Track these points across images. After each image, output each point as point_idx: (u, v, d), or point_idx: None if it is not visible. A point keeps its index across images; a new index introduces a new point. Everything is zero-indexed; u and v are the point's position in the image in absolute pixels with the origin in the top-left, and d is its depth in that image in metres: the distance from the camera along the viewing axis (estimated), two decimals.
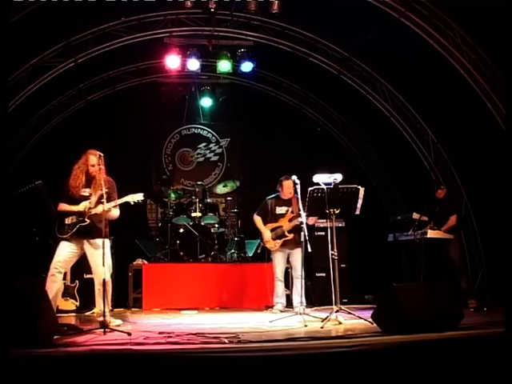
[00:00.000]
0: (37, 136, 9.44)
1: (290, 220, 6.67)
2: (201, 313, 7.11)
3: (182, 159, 10.54)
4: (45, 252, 7.06)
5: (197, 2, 7.59)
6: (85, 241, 5.49)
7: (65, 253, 5.47)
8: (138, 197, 5.53)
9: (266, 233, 6.82)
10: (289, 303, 7.04)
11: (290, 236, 6.68)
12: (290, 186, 6.62)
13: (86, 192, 5.52)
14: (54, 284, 5.41)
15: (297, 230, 6.56)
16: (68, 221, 5.47)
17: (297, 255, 6.69)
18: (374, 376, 3.58)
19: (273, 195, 6.93)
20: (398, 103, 8.95)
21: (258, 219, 6.93)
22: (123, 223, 6.84)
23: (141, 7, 7.55)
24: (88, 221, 5.43)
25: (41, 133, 9.47)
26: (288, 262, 7.01)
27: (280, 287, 6.93)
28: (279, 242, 6.71)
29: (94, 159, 5.47)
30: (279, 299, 6.91)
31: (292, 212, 6.72)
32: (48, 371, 3.40)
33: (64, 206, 5.52)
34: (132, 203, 5.53)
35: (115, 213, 5.57)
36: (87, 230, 5.45)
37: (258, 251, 7.36)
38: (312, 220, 6.40)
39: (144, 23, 8.28)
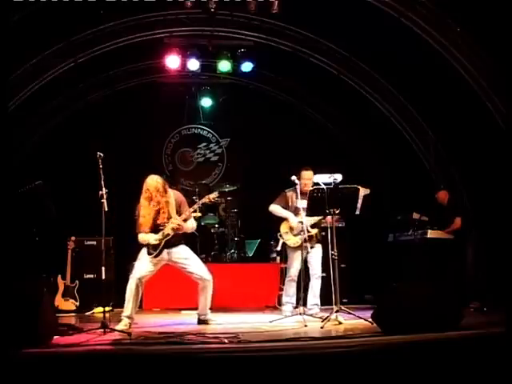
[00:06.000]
0: (36, 136, 9.44)
1: None
2: None
3: (182, 159, 10.53)
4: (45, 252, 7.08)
5: (197, 2, 7.58)
6: None
7: None
8: (213, 196, 5.76)
9: (293, 218, 6.29)
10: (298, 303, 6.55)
11: (313, 232, 6.26)
12: (309, 177, 6.27)
13: (159, 220, 5.65)
14: None
15: (319, 224, 6.28)
16: None
17: (317, 253, 6.35)
18: (373, 376, 3.58)
19: (291, 188, 6.44)
20: (398, 103, 8.96)
21: (277, 206, 6.44)
22: (123, 223, 6.86)
23: (141, 7, 7.54)
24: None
25: (41, 133, 9.46)
26: (304, 261, 6.36)
27: (291, 287, 6.44)
28: (301, 237, 6.20)
29: (152, 187, 5.60)
30: (290, 299, 6.45)
31: None
32: (48, 371, 3.40)
33: None
34: (209, 203, 5.89)
35: (190, 224, 5.83)
36: None
37: (278, 249, 7.07)
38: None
39: (144, 23, 8.28)
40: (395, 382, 3.59)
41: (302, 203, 6.16)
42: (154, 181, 5.61)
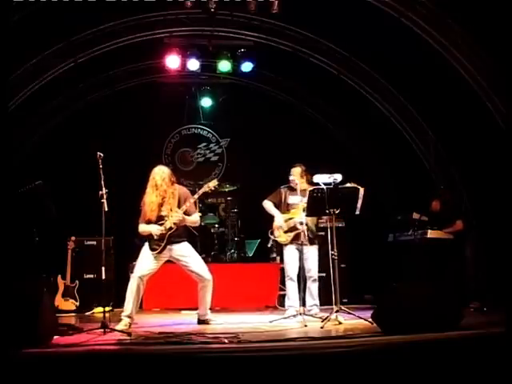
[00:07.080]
0: (36, 136, 9.44)
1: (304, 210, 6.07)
2: None
3: (182, 159, 10.53)
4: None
5: (197, 2, 7.58)
6: None
7: None
8: (213, 184, 5.78)
9: (279, 217, 6.30)
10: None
11: (303, 228, 6.12)
12: (295, 174, 6.33)
13: (163, 212, 5.62)
14: None
15: (310, 222, 6.23)
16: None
17: (312, 254, 6.25)
18: (373, 376, 3.58)
19: (286, 185, 6.48)
20: (398, 103, 8.95)
21: (268, 203, 6.43)
22: (123, 223, 6.86)
23: (141, 7, 7.54)
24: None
25: (41, 133, 9.46)
26: (301, 260, 6.22)
27: (292, 288, 6.27)
28: (291, 235, 6.22)
29: (159, 175, 5.62)
30: (291, 302, 6.25)
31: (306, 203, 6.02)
32: (48, 371, 3.40)
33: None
34: (210, 191, 5.89)
35: (194, 218, 5.79)
36: None
37: (269, 245, 7.08)
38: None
39: (144, 23, 8.28)
40: (395, 382, 3.59)
41: (293, 199, 6.28)
42: (160, 170, 5.67)
